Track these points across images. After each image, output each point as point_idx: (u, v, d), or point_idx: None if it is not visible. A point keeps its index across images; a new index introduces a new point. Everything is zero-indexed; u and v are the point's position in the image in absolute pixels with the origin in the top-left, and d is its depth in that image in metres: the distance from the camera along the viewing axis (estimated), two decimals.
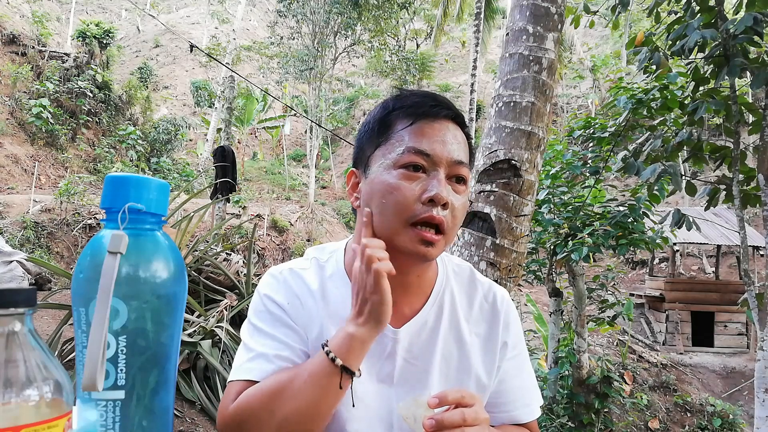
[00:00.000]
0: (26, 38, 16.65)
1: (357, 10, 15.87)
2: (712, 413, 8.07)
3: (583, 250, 3.95)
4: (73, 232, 9.89)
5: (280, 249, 12.81)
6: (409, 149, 0.77)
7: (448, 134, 0.80)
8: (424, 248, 0.76)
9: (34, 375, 0.44)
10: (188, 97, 25.89)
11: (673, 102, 3.64)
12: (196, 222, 5.19)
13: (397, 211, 0.76)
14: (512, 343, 0.91)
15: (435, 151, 0.77)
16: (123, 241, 0.52)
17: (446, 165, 0.78)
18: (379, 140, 0.82)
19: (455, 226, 0.79)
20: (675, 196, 11.97)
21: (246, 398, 0.74)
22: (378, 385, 0.83)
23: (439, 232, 0.77)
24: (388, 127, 0.81)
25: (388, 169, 0.78)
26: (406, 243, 0.76)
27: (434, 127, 0.79)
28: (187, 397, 3.77)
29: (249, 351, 0.81)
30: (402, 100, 0.83)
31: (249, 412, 0.73)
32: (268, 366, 0.77)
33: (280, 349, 0.79)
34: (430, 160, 0.77)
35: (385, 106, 0.85)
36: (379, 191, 0.78)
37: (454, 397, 0.67)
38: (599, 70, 21.07)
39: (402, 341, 0.84)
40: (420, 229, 0.76)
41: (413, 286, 0.86)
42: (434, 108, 0.80)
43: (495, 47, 23.72)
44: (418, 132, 0.79)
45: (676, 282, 11.63)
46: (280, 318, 0.83)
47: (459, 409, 0.66)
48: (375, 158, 0.82)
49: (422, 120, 0.79)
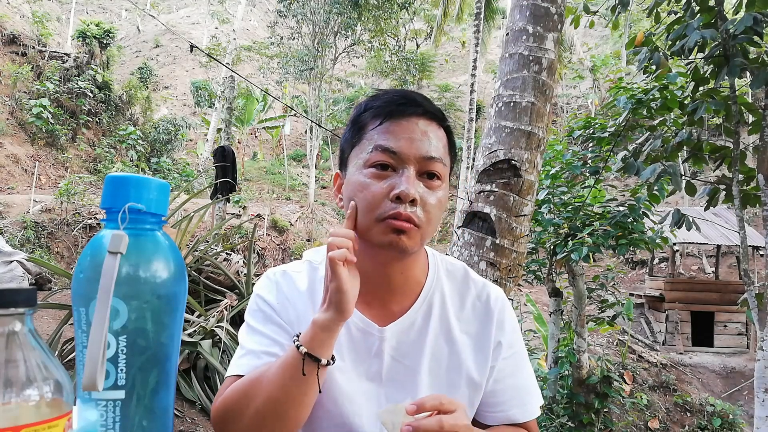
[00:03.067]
0: (26, 38, 16.64)
1: (357, 10, 15.87)
2: (711, 413, 8.08)
3: (582, 250, 3.95)
4: (74, 232, 9.89)
5: (280, 249, 12.81)
6: (376, 147, 0.79)
7: (417, 131, 0.80)
8: (396, 237, 0.77)
9: (35, 375, 0.44)
10: (188, 97, 25.88)
11: (673, 102, 3.64)
12: (196, 222, 5.19)
13: (367, 209, 0.78)
14: (507, 342, 0.91)
15: (401, 149, 0.78)
16: (123, 241, 0.52)
17: (415, 161, 0.79)
18: (353, 141, 0.84)
19: (430, 220, 0.80)
20: (675, 196, 11.98)
21: (230, 390, 0.78)
22: (368, 384, 0.84)
23: (410, 224, 0.77)
24: (361, 128, 0.83)
25: (360, 168, 0.81)
26: (378, 236, 0.78)
27: (402, 125, 0.80)
28: (187, 397, 3.77)
29: (241, 348, 0.85)
30: (374, 100, 0.84)
31: (231, 401, 0.76)
32: (256, 361, 0.81)
33: (269, 346, 0.83)
34: (397, 158, 0.79)
35: (358, 107, 0.87)
36: (352, 190, 0.81)
37: (431, 404, 0.67)
38: (599, 70, 21.07)
39: (389, 340, 0.85)
40: (389, 221, 0.77)
41: (399, 284, 0.87)
42: (401, 106, 0.81)
43: (495, 47, 23.72)
44: (386, 131, 0.80)
45: (676, 282, 11.63)
46: (269, 316, 0.86)
47: (437, 416, 0.66)
48: (351, 159, 0.84)
49: (390, 119, 0.81)
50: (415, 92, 0.86)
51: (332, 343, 0.74)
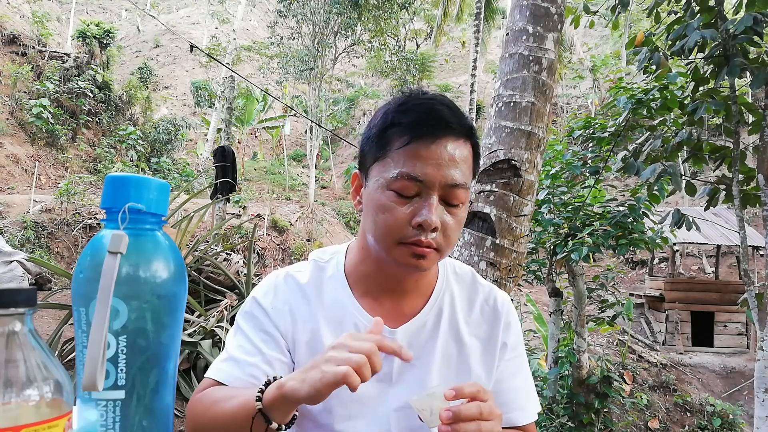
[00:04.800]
0: (26, 38, 16.64)
1: (357, 11, 15.87)
2: (711, 413, 8.08)
3: (583, 250, 3.95)
4: (73, 232, 9.89)
5: (280, 249, 12.80)
6: (402, 175, 0.76)
7: (445, 155, 0.77)
8: (416, 261, 0.78)
9: (34, 375, 0.44)
10: (188, 97, 25.87)
11: (672, 102, 3.64)
12: (196, 222, 5.19)
13: (388, 232, 0.78)
14: (512, 344, 0.92)
15: (428, 176, 0.76)
16: (123, 241, 0.52)
17: (440, 188, 0.77)
18: (377, 155, 0.80)
19: (449, 243, 0.80)
20: (675, 196, 11.97)
21: (200, 397, 0.78)
22: (377, 385, 0.83)
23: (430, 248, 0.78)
24: (386, 143, 0.79)
25: (383, 188, 0.78)
26: (398, 257, 0.79)
27: (430, 149, 0.76)
28: (187, 397, 3.77)
29: (225, 351, 0.84)
30: (402, 115, 0.79)
31: (195, 412, 0.77)
32: (235, 370, 0.81)
33: (252, 355, 0.82)
34: (422, 185, 0.76)
35: (386, 115, 0.82)
36: (373, 208, 0.79)
37: (470, 391, 0.67)
38: (599, 70, 21.07)
39: (400, 341, 0.84)
40: (410, 246, 0.77)
41: (411, 289, 0.88)
42: (432, 128, 0.77)
43: (495, 47, 23.71)
44: (413, 155, 0.76)
45: (676, 282, 11.63)
46: (260, 323, 0.85)
47: (476, 402, 0.66)
48: (373, 172, 0.81)
49: (418, 141, 0.76)
50: (444, 105, 0.80)
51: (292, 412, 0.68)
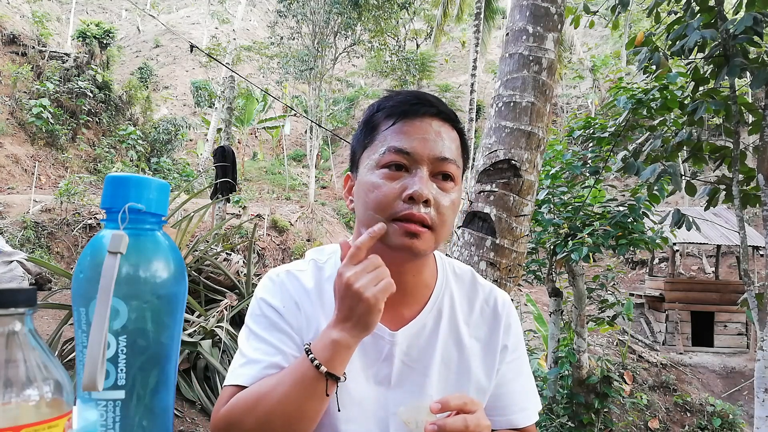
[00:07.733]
0: (26, 38, 16.63)
1: (357, 10, 15.87)
2: (711, 413, 8.08)
3: (583, 250, 3.95)
4: (73, 232, 9.88)
5: (280, 249, 12.81)
6: (390, 149, 0.78)
7: (430, 131, 0.79)
8: (409, 240, 0.76)
9: (34, 375, 0.44)
10: (188, 97, 25.89)
11: (673, 102, 3.64)
12: (196, 222, 5.19)
13: (379, 209, 0.77)
14: (512, 346, 0.91)
15: (415, 149, 0.77)
16: (123, 241, 0.52)
17: (428, 162, 0.78)
18: (365, 142, 0.83)
19: (444, 222, 0.79)
20: (675, 196, 11.97)
21: (234, 402, 0.75)
22: (376, 388, 0.82)
23: (424, 226, 0.76)
24: (374, 128, 0.82)
25: (372, 169, 0.80)
26: (391, 237, 0.76)
27: (415, 125, 0.79)
28: (187, 397, 3.77)
29: (242, 356, 0.81)
30: (386, 101, 0.83)
31: (235, 415, 0.74)
32: (258, 372, 0.78)
33: (272, 355, 0.80)
34: (411, 158, 0.77)
35: (371, 107, 0.86)
36: (364, 191, 0.80)
37: (456, 404, 0.66)
38: (599, 70, 21.07)
39: (400, 344, 0.83)
40: (403, 223, 0.76)
41: (411, 287, 0.86)
42: (415, 106, 0.80)
43: (495, 47, 23.72)
44: (399, 131, 0.79)
45: (676, 282, 11.63)
46: (274, 323, 0.83)
47: (462, 415, 0.66)
48: (363, 159, 0.83)
49: (404, 119, 0.80)
50: (428, 93, 0.84)
51: (349, 359, 0.72)
